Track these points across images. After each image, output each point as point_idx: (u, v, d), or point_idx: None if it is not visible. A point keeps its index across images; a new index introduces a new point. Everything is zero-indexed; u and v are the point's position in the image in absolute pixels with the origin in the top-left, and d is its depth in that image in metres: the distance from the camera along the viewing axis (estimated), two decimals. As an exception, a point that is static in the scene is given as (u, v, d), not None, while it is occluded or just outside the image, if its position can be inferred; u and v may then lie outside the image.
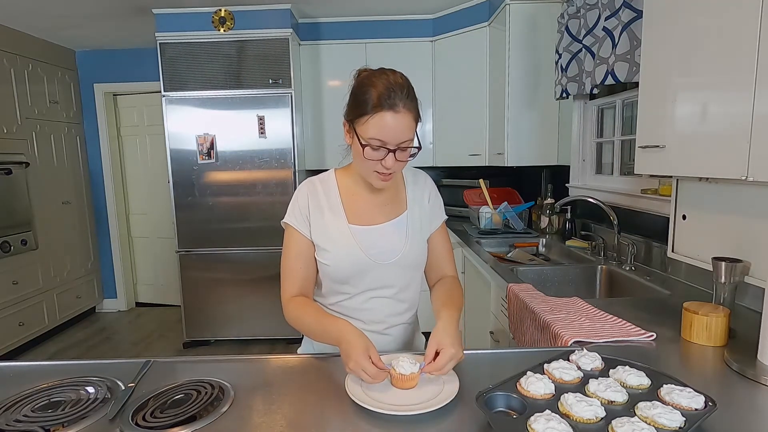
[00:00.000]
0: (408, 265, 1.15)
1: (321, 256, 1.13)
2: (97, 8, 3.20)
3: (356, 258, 1.10)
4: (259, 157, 3.42)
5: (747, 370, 0.97)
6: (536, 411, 0.77)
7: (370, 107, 0.98)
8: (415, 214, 1.18)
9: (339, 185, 1.17)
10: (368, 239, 1.12)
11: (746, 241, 1.38)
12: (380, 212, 1.15)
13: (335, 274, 1.12)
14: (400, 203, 1.18)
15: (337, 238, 1.11)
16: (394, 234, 1.14)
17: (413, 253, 1.15)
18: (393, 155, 1.01)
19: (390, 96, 0.97)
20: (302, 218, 1.13)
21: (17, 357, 3.51)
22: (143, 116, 4.46)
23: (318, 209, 1.13)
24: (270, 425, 0.84)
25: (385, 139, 0.99)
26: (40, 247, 3.75)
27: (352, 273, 1.12)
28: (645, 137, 1.43)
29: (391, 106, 0.97)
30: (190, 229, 3.51)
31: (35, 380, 1.00)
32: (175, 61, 3.34)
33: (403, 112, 0.99)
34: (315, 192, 1.15)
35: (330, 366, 1.06)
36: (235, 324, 3.62)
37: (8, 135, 3.47)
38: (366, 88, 1.00)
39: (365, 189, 1.15)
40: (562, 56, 2.39)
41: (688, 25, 1.25)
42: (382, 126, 0.98)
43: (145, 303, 4.77)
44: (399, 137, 1.00)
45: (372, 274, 1.12)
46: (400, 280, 1.16)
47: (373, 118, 0.98)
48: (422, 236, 1.18)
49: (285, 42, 3.32)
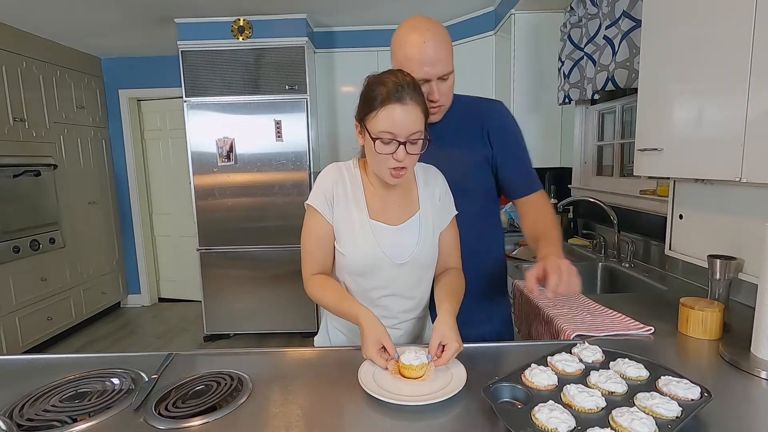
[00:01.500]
0: (420, 264, 1.14)
1: (340, 245, 1.12)
2: (122, 18, 3.26)
3: (374, 254, 1.09)
4: (276, 159, 3.46)
5: (741, 363, 0.98)
6: (540, 401, 0.78)
7: (378, 102, 0.99)
8: (428, 214, 1.16)
9: (362, 178, 1.14)
10: (386, 237, 1.11)
11: (740, 239, 1.39)
12: (396, 213, 1.14)
13: (350, 265, 1.12)
14: (413, 204, 1.16)
15: (357, 231, 1.10)
16: (408, 235, 1.13)
17: (425, 253, 1.14)
18: (404, 148, 1.00)
19: (398, 90, 0.98)
20: (327, 203, 1.11)
21: (45, 350, 3.60)
22: (166, 121, 4.50)
23: (343, 197, 1.11)
24: (287, 415, 0.84)
25: (395, 131, 0.99)
26: (68, 245, 3.80)
27: (368, 268, 1.11)
28: (644, 141, 1.45)
29: (399, 98, 0.98)
30: (210, 228, 3.55)
31: (63, 372, 1.00)
32: (196, 68, 3.39)
33: (411, 104, 0.99)
34: (342, 179, 1.13)
35: (344, 358, 1.06)
36: (253, 318, 3.63)
37: (37, 138, 3.53)
38: (375, 86, 1.01)
39: (381, 187, 1.13)
40: (565, 63, 2.42)
41: (684, 34, 1.27)
42: (392, 118, 0.98)
43: (167, 298, 4.81)
44: (408, 129, 1.00)
45: (385, 271, 1.11)
46: (411, 278, 1.14)
47: (382, 111, 0.99)
48: (434, 236, 1.16)
49: (301, 50, 3.37)
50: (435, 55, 1.14)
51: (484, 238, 1.35)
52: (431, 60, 1.14)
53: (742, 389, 0.91)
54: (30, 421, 0.82)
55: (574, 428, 0.72)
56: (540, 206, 1.27)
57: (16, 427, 0.80)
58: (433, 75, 1.15)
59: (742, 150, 1.08)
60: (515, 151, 1.30)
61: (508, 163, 1.29)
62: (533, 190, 1.29)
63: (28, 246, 3.40)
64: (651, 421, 0.71)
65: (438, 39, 1.15)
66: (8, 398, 0.91)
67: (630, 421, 0.71)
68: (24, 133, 3.44)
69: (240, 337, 3.71)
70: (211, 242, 3.59)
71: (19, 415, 0.84)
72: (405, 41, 1.16)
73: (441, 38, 1.15)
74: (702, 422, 0.78)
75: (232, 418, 0.84)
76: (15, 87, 3.36)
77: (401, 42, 1.17)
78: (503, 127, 1.29)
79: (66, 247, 3.81)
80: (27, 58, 3.48)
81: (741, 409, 0.85)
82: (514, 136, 1.31)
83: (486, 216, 1.35)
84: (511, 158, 1.29)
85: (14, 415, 0.84)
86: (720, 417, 0.80)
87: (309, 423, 0.82)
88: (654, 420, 0.72)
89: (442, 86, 1.18)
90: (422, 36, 1.14)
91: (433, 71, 1.15)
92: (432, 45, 1.13)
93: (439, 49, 1.14)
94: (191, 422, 0.81)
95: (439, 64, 1.15)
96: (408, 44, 1.15)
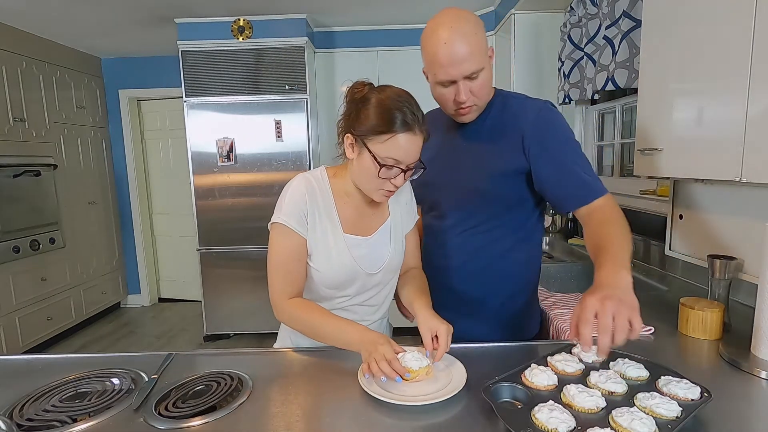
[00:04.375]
0: (392, 269, 1.15)
1: (313, 262, 1.08)
2: (122, 18, 3.26)
3: (349, 268, 1.08)
4: (276, 159, 3.47)
5: (741, 363, 0.98)
6: (540, 401, 0.78)
7: (394, 128, 0.96)
8: (397, 218, 1.17)
9: (332, 189, 1.11)
10: (360, 249, 1.10)
11: (740, 239, 1.39)
12: (369, 222, 1.13)
13: (325, 280, 1.09)
14: (384, 210, 1.16)
15: (332, 247, 1.07)
16: (381, 242, 1.13)
17: (396, 257, 1.15)
18: (403, 175, 1.01)
19: (414, 120, 0.97)
20: (301, 219, 1.06)
21: (46, 350, 3.60)
22: (166, 121, 4.51)
23: (316, 212, 1.07)
24: (287, 415, 0.84)
25: (402, 160, 0.98)
26: (68, 245, 3.81)
27: (343, 281, 1.09)
28: (644, 141, 1.45)
29: (412, 128, 0.97)
30: (210, 228, 3.56)
31: (63, 372, 1.00)
32: (196, 68, 3.39)
33: (419, 135, 0.99)
34: (313, 192, 1.08)
35: (344, 358, 1.05)
36: (253, 318, 3.63)
37: (37, 138, 3.53)
38: (389, 110, 0.97)
39: (357, 198, 1.11)
40: (565, 63, 2.42)
41: (684, 34, 1.27)
42: (402, 147, 0.97)
43: (167, 298, 4.82)
44: (414, 158, 1.00)
45: (359, 281, 1.11)
46: (381, 284, 1.15)
47: (395, 139, 0.96)
48: (402, 239, 1.18)
49: (301, 50, 3.37)
50: (458, 55, 1.05)
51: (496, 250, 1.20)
52: (454, 60, 1.05)
53: (742, 389, 0.91)
54: (30, 421, 0.82)
55: (574, 428, 0.72)
56: (599, 215, 1.08)
57: (16, 427, 0.80)
58: (458, 75, 1.07)
59: (742, 150, 1.08)
60: (556, 161, 1.11)
61: (551, 177, 1.11)
62: (585, 200, 1.09)
63: (28, 246, 3.40)
64: (651, 421, 0.71)
65: (462, 35, 1.04)
66: (8, 398, 0.90)
67: (630, 421, 0.71)
68: (24, 133, 3.44)
69: (240, 337, 3.71)
70: (211, 242, 3.59)
71: (19, 415, 0.84)
72: (428, 41, 1.09)
73: (465, 34, 1.05)
74: (702, 422, 0.78)
75: (232, 418, 0.84)
76: (15, 87, 3.36)
77: (425, 41, 1.10)
78: (541, 135, 1.12)
79: (66, 247, 3.81)
80: (27, 58, 3.48)
81: (741, 409, 0.85)
82: (557, 143, 1.12)
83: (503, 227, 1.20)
84: (552, 171, 1.11)
85: (14, 415, 0.84)
86: (720, 417, 0.80)
87: (309, 423, 0.82)
88: (654, 420, 0.72)
89: (472, 85, 1.09)
90: (444, 35, 1.05)
91: (458, 72, 1.07)
92: (454, 45, 1.04)
93: (463, 47, 1.04)
94: (191, 422, 0.81)
95: (464, 63, 1.05)
96: (430, 44, 1.08)
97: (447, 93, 1.10)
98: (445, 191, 1.24)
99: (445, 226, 1.24)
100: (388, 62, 3.65)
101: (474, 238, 1.20)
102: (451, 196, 1.22)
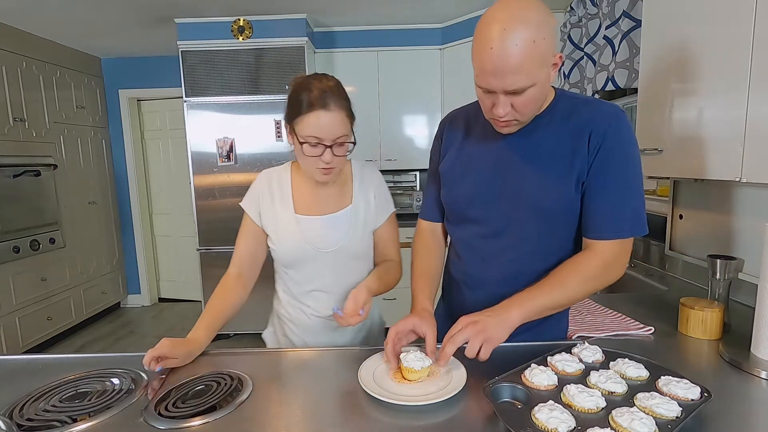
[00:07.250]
0: (348, 255, 1.22)
1: (270, 242, 1.22)
2: (122, 18, 3.26)
3: (299, 245, 1.18)
4: (276, 159, 3.44)
5: (741, 362, 0.99)
6: (540, 401, 0.78)
7: (304, 107, 1.06)
8: (360, 208, 1.23)
9: (292, 177, 1.24)
10: (312, 228, 1.19)
11: (740, 239, 1.40)
12: (326, 203, 1.22)
13: (281, 258, 1.23)
14: (346, 196, 1.23)
15: (284, 226, 1.19)
16: (337, 225, 1.21)
17: (353, 244, 1.21)
18: (330, 150, 1.08)
19: (322, 96, 1.05)
20: (254, 205, 1.22)
21: (45, 350, 3.60)
22: (166, 121, 4.52)
23: (270, 198, 1.21)
24: (287, 415, 0.84)
25: (321, 136, 1.07)
26: (68, 245, 3.81)
27: (296, 258, 1.20)
28: (644, 141, 1.44)
29: (324, 105, 1.05)
30: (210, 228, 3.55)
31: (63, 372, 1.01)
32: (196, 68, 3.40)
33: (335, 110, 1.07)
34: (269, 181, 1.23)
35: (344, 358, 1.07)
36: (253, 318, 3.47)
37: (37, 138, 3.54)
38: (300, 91, 1.07)
39: (313, 182, 1.21)
40: (565, 63, 2.43)
41: (684, 34, 1.27)
42: (317, 124, 1.06)
43: (167, 298, 4.82)
44: (334, 133, 1.08)
45: (313, 261, 1.20)
46: (338, 269, 1.22)
47: (308, 117, 1.06)
48: (365, 230, 1.24)
49: (301, 50, 3.37)
50: (505, 66, 0.85)
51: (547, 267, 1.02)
52: (498, 70, 0.86)
53: (742, 389, 0.91)
54: (30, 421, 0.82)
55: (574, 428, 0.72)
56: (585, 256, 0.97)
57: (16, 427, 0.80)
58: (498, 88, 0.88)
59: (742, 150, 1.08)
60: (609, 178, 0.95)
61: (598, 195, 0.97)
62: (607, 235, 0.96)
63: (28, 246, 3.41)
64: (651, 421, 0.71)
65: (515, 43, 0.83)
66: (8, 398, 0.91)
67: (630, 421, 0.71)
68: (24, 133, 3.44)
69: (240, 337, 3.70)
70: (211, 242, 3.58)
71: (19, 415, 0.84)
72: (478, 34, 0.88)
73: (521, 41, 0.83)
74: (702, 422, 0.78)
75: (233, 417, 0.84)
76: (15, 87, 3.36)
77: (476, 32, 0.88)
78: (610, 146, 0.95)
79: (66, 247, 3.81)
80: (27, 58, 3.48)
81: (741, 409, 0.85)
82: (621, 158, 0.96)
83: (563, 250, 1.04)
84: (600, 187, 0.96)
85: (14, 415, 0.84)
86: (720, 417, 0.80)
87: (309, 423, 0.82)
88: (654, 420, 0.72)
89: (515, 100, 0.90)
90: (494, 36, 0.84)
91: (500, 84, 0.87)
92: (502, 52, 0.83)
93: (512, 58, 0.83)
94: (191, 422, 0.82)
95: (509, 76, 0.85)
96: (477, 39, 0.88)
97: (485, 99, 0.93)
98: (496, 206, 1.05)
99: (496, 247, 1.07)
100: (388, 62, 3.65)
101: (532, 265, 1.04)
102: (504, 213, 1.04)
